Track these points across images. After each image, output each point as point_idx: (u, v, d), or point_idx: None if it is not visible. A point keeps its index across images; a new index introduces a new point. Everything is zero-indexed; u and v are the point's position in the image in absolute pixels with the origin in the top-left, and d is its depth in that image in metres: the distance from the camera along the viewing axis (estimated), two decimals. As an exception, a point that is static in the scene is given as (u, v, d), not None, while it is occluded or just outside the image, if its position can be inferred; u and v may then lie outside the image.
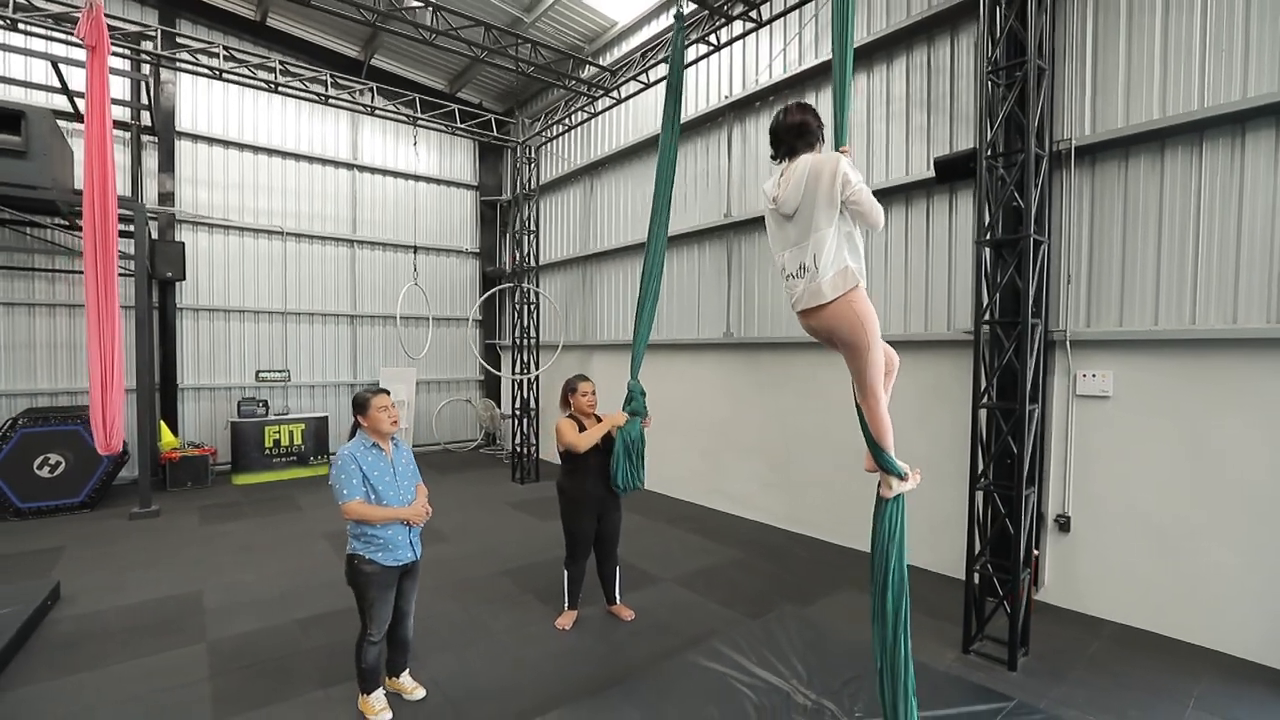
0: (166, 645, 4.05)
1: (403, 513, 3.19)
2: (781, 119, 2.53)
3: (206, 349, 9.39)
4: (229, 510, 7.42)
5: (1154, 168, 4.34)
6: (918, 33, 5.64)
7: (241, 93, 9.47)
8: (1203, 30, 4.10)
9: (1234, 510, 3.95)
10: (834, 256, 2.28)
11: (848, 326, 2.31)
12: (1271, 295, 3.87)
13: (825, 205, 2.28)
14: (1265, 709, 3.36)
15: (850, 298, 2.29)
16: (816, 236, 2.30)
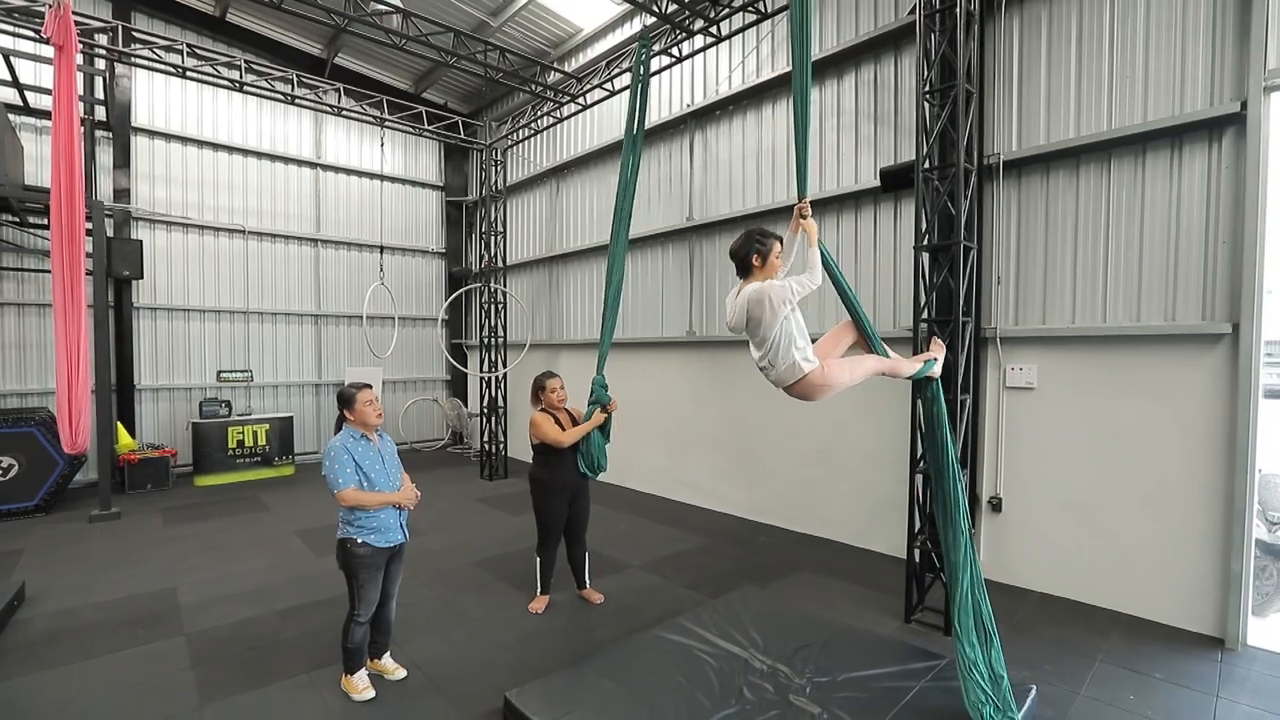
0: (145, 638, 4.13)
1: (395, 496, 3.40)
2: (732, 248, 3.05)
3: (165, 349, 9.24)
4: (194, 511, 7.37)
5: (1071, 182, 4.83)
6: (865, 51, 6.05)
7: (200, 89, 9.34)
8: (1110, 59, 4.60)
9: (1142, 487, 4.44)
10: (782, 355, 2.86)
11: (812, 395, 2.97)
12: (1167, 297, 4.38)
13: (769, 322, 2.81)
14: (1159, 660, 3.83)
15: (805, 380, 2.88)
16: (767, 345, 2.88)
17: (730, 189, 7.36)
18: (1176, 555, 4.30)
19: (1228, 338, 4.11)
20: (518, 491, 8.44)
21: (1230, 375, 4.09)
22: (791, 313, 2.84)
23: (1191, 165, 4.29)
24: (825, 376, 2.92)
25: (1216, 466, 4.14)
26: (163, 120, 9.14)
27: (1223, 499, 4.11)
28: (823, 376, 2.91)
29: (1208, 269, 4.23)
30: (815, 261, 2.89)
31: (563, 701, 3.13)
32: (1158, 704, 3.36)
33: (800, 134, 3.07)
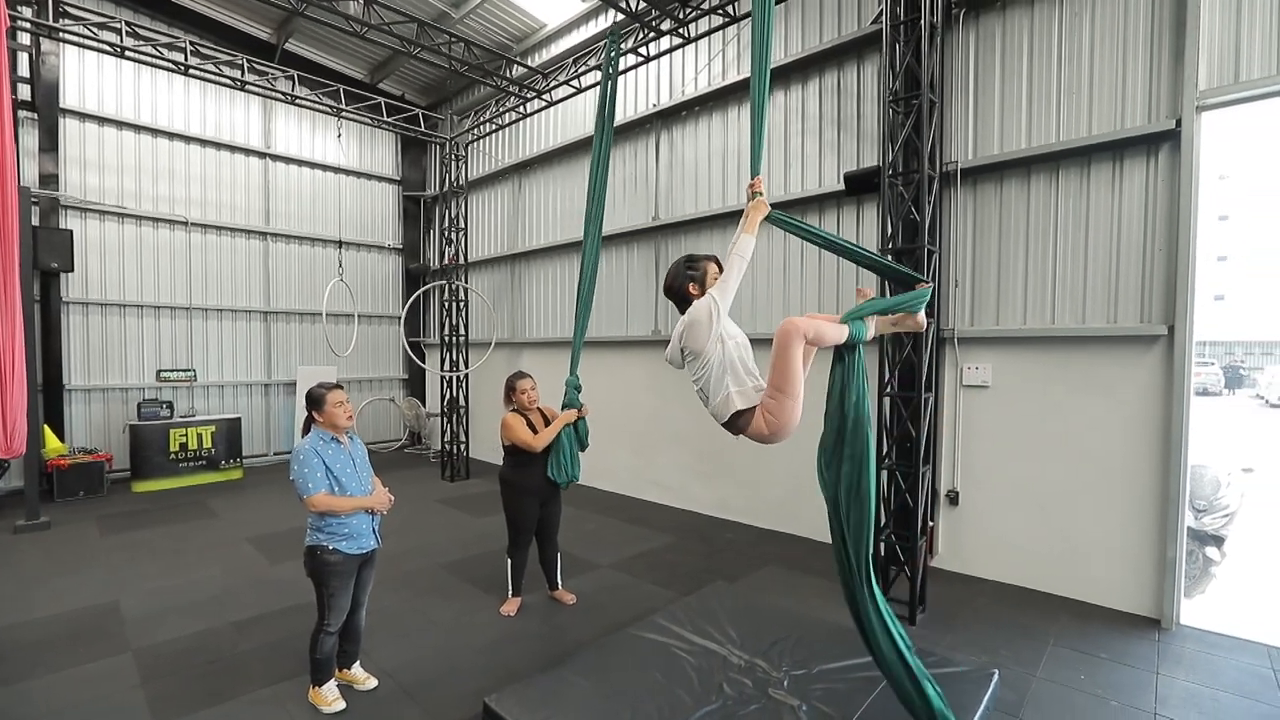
0: (86, 657, 3.87)
1: (368, 501, 3.30)
2: (665, 283, 2.86)
3: (99, 347, 8.67)
4: (133, 519, 6.95)
5: (1022, 190, 5.08)
6: (829, 58, 6.20)
7: (137, 70, 8.80)
8: (1059, 75, 4.85)
9: (1089, 478, 4.72)
10: (715, 389, 2.60)
11: (756, 435, 2.60)
12: (1110, 300, 4.66)
13: (707, 340, 2.55)
14: (1104, 641, 4.08)
15: (746, 416, 2.56)
16: (701, 375, 2.64)
17: (696, 189, 7.42)
18: (1118, 543, 4.59)
19: (1163, 339, 4.40)
20: (481, 492, 8.31)
21: (1165, 374, 4.39)
22: (726, 337, 2.57)
23: (1131, 177, 4.58)
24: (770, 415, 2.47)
25: (1153, 459, 4.44)
26: (95, 102, 8.56)
27: (1159, 489, 4.41)
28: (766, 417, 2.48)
29: (1145, 275, 4.53)
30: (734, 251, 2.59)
31: (543, 704, 3.10)
32: (1105, 682, 3.58)
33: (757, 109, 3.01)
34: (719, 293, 2.57)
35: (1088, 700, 3.41)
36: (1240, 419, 19.06)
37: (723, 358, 2.58)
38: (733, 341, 2.61)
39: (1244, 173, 32.50)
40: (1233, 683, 3.57)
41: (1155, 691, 3.49)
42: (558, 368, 5.27)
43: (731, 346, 2.60)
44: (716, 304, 2.54)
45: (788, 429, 2.51)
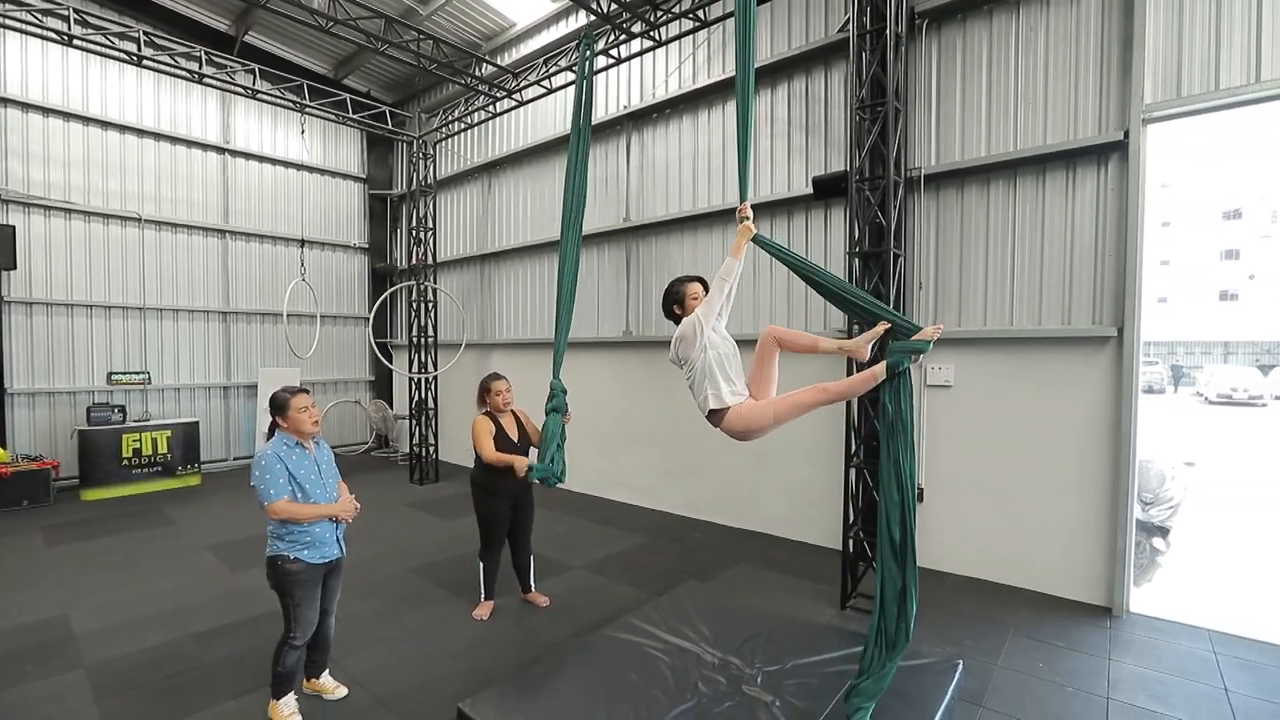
0: (34, 675, 3.69)
1: (333, 508, 3.19)
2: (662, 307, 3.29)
3: (44, 348, 8.26)
4: (83, 528, 6.65)
5: (982, 196, 5.25)
6: (797, 64, 6.31)
7: (85, 60, 8.42)
8: (1016, 86, 5.04)
9: (1045, 474, 4.91)
10: (697, 390, 3.04)
11: (735, 435, 3.03)
12: (1064, 302, 4.86)
13: (693, 349, 3.00)
14: (1060, 629, 4.26)
15: (720, 418, 2.99)
16: (689, 378, 3.08)
17: (667, 191, 7.47)
18: (1072, 535, 4.79)
19: (1113, 340, 4.61)
20: (450, 495, 8.20)
21: (1115, 373, 4.60)
22: (709, 346, 2.96)
23: (1084, 186, 4.79)
24: (740, 418, 2.94)
25: (1105, 454, 4.64)
26: (39, 92, 8.16)
27: (1110, 483, 4.62)
28: (737, 418, 2.95)
29: (1097, 278, 4.73)
30: (719, 275, 2.97)
31: (518, 708, 3.09)
32: (1061, 669, 3.74)
33: (742, 135, 3.13)
34: (703, 312, 3.00)
35: (1046, 687, 3.55)
36: (1182, 415, 20.03)
37: (704, 365, 3.00)
38: (714, 352, 3.01)
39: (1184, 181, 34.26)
40: (1178, 666, 3.76)
41: (1108, 676, 3.66)
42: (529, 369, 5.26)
43: (713, 356, 3.01)
44: (700, 322, 2.98)
45: (756, 435, 3.02)
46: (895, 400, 2.76)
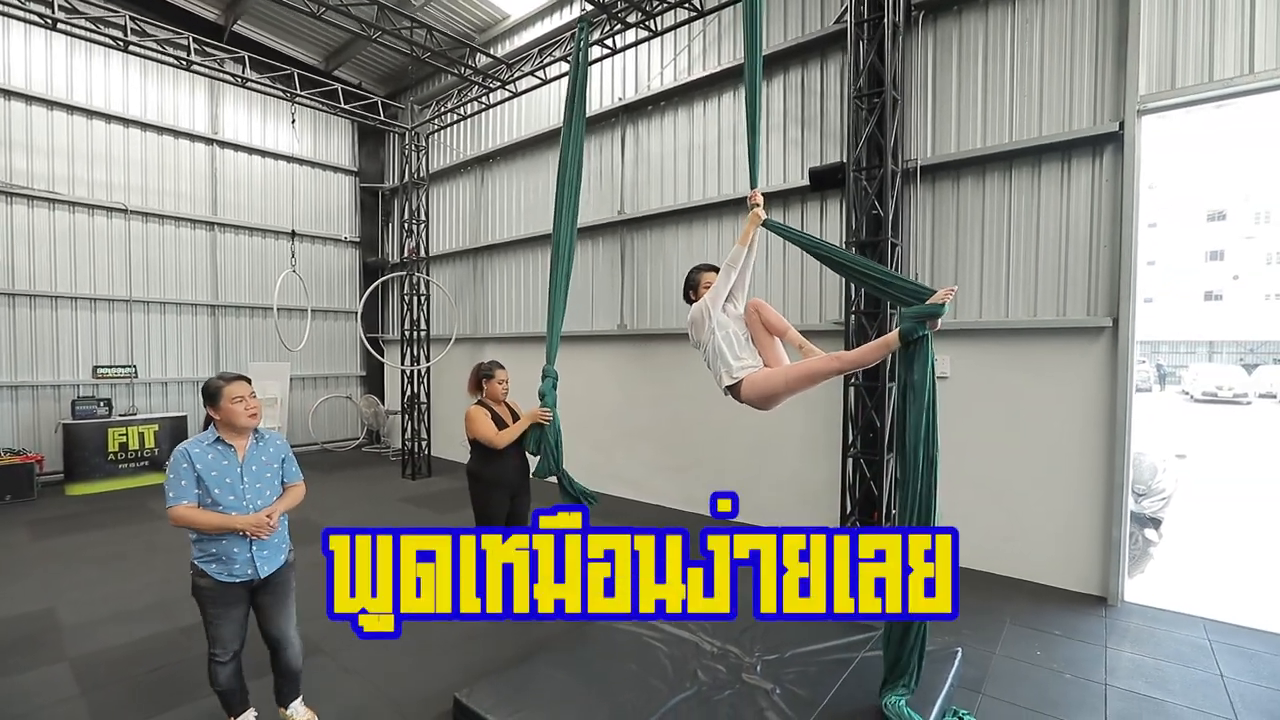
0: (19, 667, 3.61)
1: (235, 521, 2.66)
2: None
3: (26, 341, 8.10)
4: (69, 523, 6.53)
5: (978, 188, 5.26)
6: (793, 56, 6.29)
7: (71, 47, 8.27)
8: (1011, 78, 5.05)
9: (1040, 465, 4.92)
10: (714, 363, 3.21)
11: (754, 405, 3.13)
12: (1059, 293, 4.87)
13: (704, 332, 3.21)
14: (1056, 619, 4.27)
15: (735, 391, 3.14)
16: (704, 353, 3.27)
17: (662, 183, 7.44)
18: (1066, 526, 4.80)
19: (1108, 330, 4.63)
20: (443, 490, 8.13)
21: (1110, 364, 4.62)
22: (717, 328, 3.14)
23: (1079, 177, 4.80)
24: (753, 386, 3.07)
25: (1099, 445, 4.66)
26: (21, 78, 8.00)
27: (1104, 474, 4.64)
28: (750, 387, 3.08)
29: (1091, 269, 4.75)
30: (725, 262, 3.16)
31: (516, 697, 3.05)
32: (1059, 656, 3.75)
33: (751, 120, 3.26)
34: (709, 296, 3.20)
35: (1044, 674, 3.56)
36: (1169, 412, 20.28)
37: (714, 345, 3.18)
38: (723, 333, 3.17)
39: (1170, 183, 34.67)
40: (1174, 653, 3.78)
41: (1105, 664, 3.67)
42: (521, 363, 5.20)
43: (720, 337, 3.16)
44: (707, 306, 3.19)
45: (771, 404, 3.10)
46: (909, 368, 2.76)
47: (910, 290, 2.78)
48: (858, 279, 3.07)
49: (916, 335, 2.71)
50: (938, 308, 2.66)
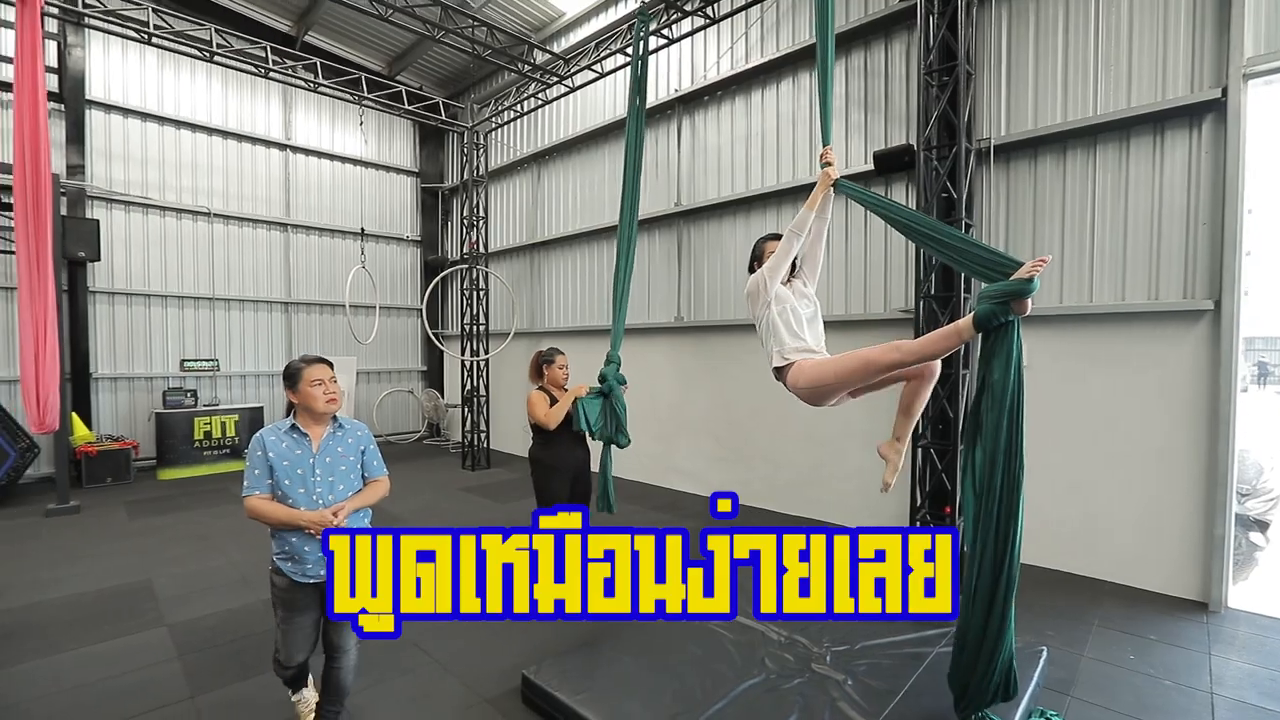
0: (121, 631, 3.88)
1: (301, 517, 2.46)
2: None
3: (124, 336, 8.74)
4: (160, 504, 7.00)
5: (1057, 166, 4.97)
6: (855, 38, 6.11)
7: (160, 62, 8.87)
8: (1096, 46, 4.74)
9: (1127, 460, 4.60)
10: (766, 341, 2.93)
11: (801, 396, 2.82)
12: (1151, 276, 4.55)
13: (757, 307, 2.93)
14: (1150, 623, 3.98)
15: (783, 376, 2.85)
16: (759, 333, 2.98)
17: (719, 174, 7.36)
18: (1160, 525, 4.47)
19: (1209, 314, 4.29)
20: (502, 481, 8.30)
21: (1212, 349, 4.27)
22: (774, 301, 2.84)
23: (1173, 150, 4.47)
24: (801, 373, 2.72)
25: (1199, 437, 4.32)
26: (120, 94, 8.64)
27: (1204, 468, 4.29)
28: (798, 373, 2.73)
29: (1189, 249, 4.41)
30: (789, 228, 2.84)
31: (582, 676, 3.06)
32: (1156, 662, 3.48)
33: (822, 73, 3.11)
34: (767, 267, 2.88)
35: (1140, 679, 3.31)
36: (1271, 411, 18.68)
37: (769, 321, 2.87)
38: (780, 307, 2.87)
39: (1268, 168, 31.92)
40: (1290, 663, 3.46)
41: (1210, 671, 3.39)
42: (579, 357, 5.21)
43: (776, 312, 2.86)
44: (764, 278, 2.88)
45: (822, 397, 2.77)
46: (988, 364, 2.29)
47: (991, 261, 2.32)
48: (932, 245, 2.59)
49: (997, 322, 2.21)
50: (1024, 284, 2.14)
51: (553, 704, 2.92)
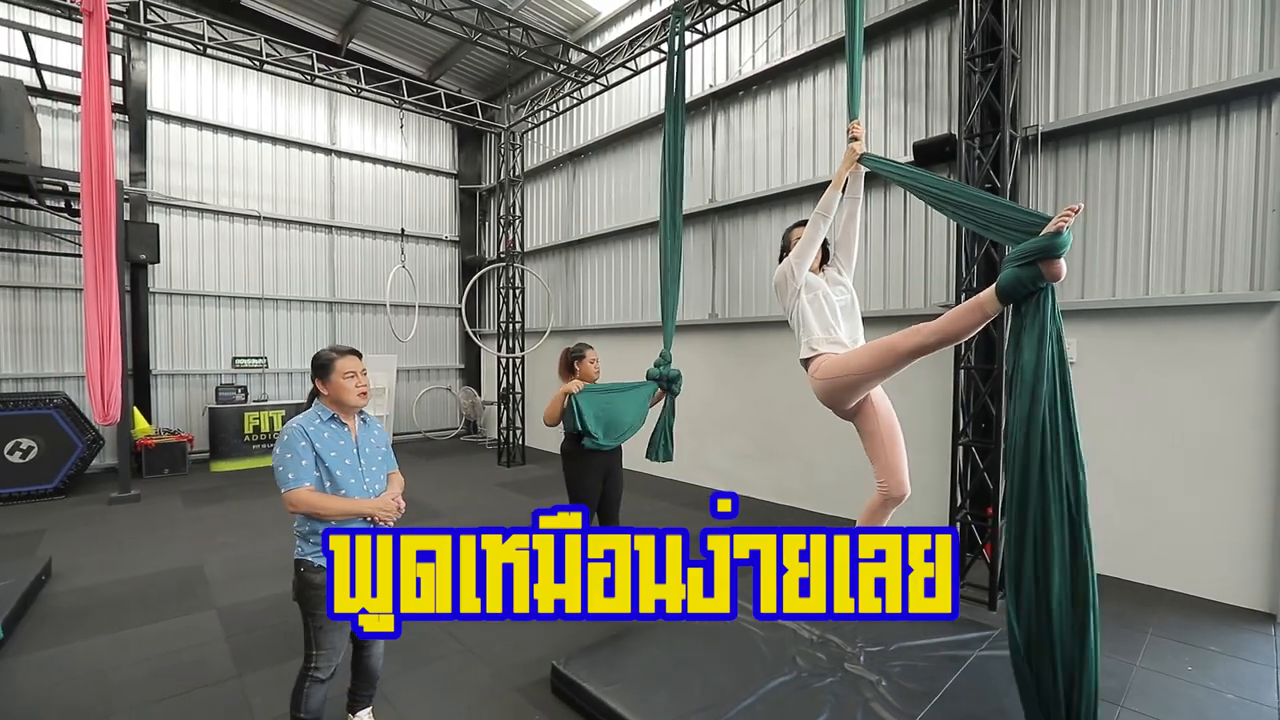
0: (175, 611, 4.08)
1: (365, 505, 2.45)
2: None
3: (180, 334, 9.19)
4: (213, 494, 7.33)
5: (1111, 152, 4.74)
6: (895, 26, 5.96)
7: (215, 73, 9.30)
8: (1153, 25, 4.51)
9: (1187, 461, 4.36)
10: (797, 333, 2.88)
11: (818, 393, 2.78)
12: (1213, 266, 4.29)
13: (786, 297, 2.89)
14: (1211, 633, 3.76)
15: (810, 371, 2.81)
16: (791, 321, 2.93)
17: (754, 169, 7.28)
18: (1224, 531, 4.21)
19: (1278, 306, 4.02)
20: (537, 477, 8.39)
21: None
22: (804, 290, 2.77)
23: (1240, 132, 4.21)
24: (822, 368, 2.64)
25: (1267, 438, 4.06)
26: (178, 104, 9.08)
27: (1273, 471, 4.03)
28: (821, 370, 2.65)
29: (1256, 237, 4.15)
30: (815, 210, 2.78)
31: (610, 669, 3.07)
32: (1217, 674, 3.28)
33: (850, 43, 3.07)
34: (794, 254, 2.82)
35: (1200, 692, 3.13)
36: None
37: (798, 311, 2.83)
38: (810, 295, 2.79)
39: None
40: (1369, 680, 3.22)
41: (1278, 687, 3.17)
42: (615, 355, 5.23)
43: (807, 300, 2.80)
44: (792, 267, 2.83)
45: (839, 398, 2.74)
46: (1016, 343, 2.01)
47: (1018, 220, 2.05)
48: (956, 210, 2.31)
49: (1024, 290, 1.94)
50: (1051, 239, 1.88)
51: (581, 695, 2.94)
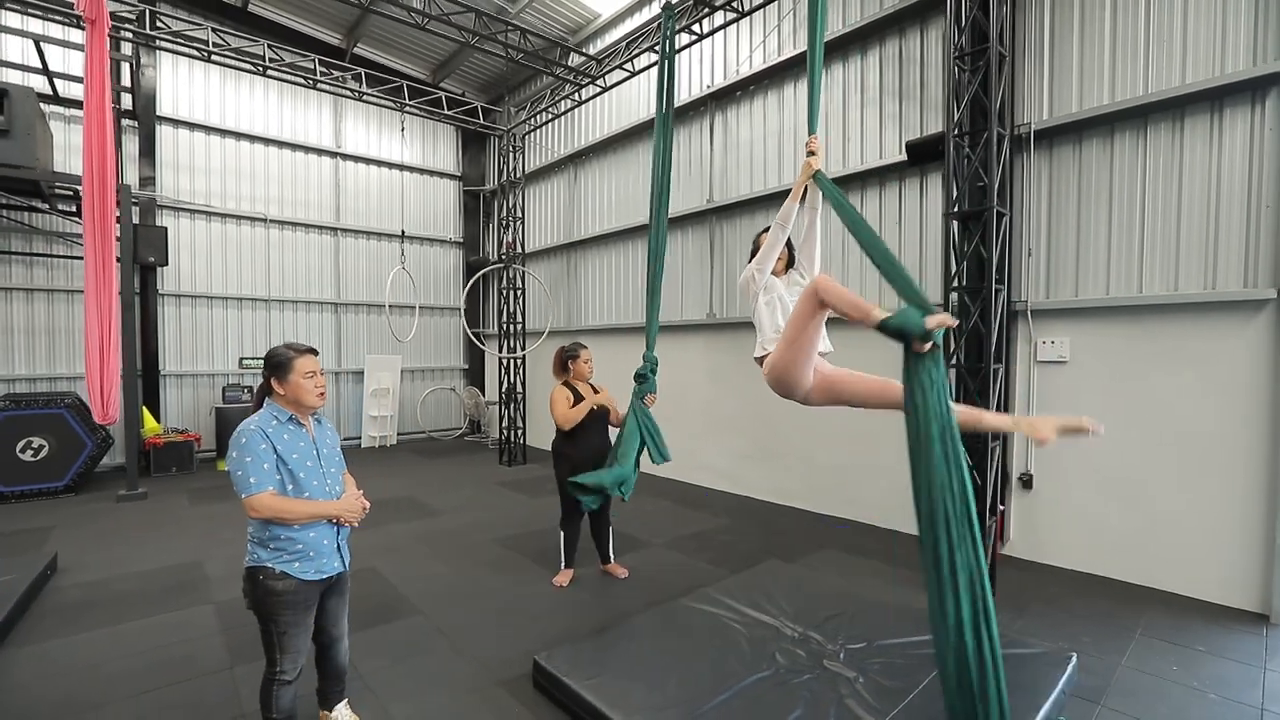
0: (174, 606, 4.17)
1: (333, 507, 2.42)
2: None
3: (189, 335, 9.35)
4: (218, 493, 7.45)
5: (1104, 149, 4.71)
6: (889, 25, 5.96)
7: (223, 79, 9.46)
8: (1147, 22, 4.48)
9: (1179, 461, 4.33)
10: (757, 332, 2.96)
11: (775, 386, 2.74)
12: (1207, 264, 4.26)
13: (749, 299, 3.01)
14: (1200, 634, 3.73)
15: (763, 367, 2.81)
16: (754, 321, 3.01)
17: (751, 169, 7.30)
18: (1217, 531, 4.18)
19: (1271, 304, 3.99)
20: (536, 476, 8.45)
21: (1274, 341, 3.97)
22: (762, 291, 2.93)
23: (1233, 128, 4.17)
24: (769, 364, 2.69)
25: (1259, 437, 4.02)
26: (186, 109, 9.25)
27: (1266, 470, 3.99)
28: (768, 364, 2.70)
29: (1250, 234, 4.11)
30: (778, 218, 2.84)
31: (592, 664, 3.10)
32: (1203, 674, 3.26)
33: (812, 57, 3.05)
34: (757, 260, 2.96)
35: (1181, 691, 3.11)
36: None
37: (757, 313, 2.98)
38: (767, 297, 2.96)
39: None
40: (1358, 682, 3.18)
41: (1263, 687, 3.15)
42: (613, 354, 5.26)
43: (764, 302, 2.96)
44: (753, 271, 2.96)
45: (785, 381, 2.66)
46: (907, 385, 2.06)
47: (909, 293, 2.10)
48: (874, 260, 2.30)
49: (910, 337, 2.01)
50: (917, 325, 1.95)
51: (562, 689, 2.97)
